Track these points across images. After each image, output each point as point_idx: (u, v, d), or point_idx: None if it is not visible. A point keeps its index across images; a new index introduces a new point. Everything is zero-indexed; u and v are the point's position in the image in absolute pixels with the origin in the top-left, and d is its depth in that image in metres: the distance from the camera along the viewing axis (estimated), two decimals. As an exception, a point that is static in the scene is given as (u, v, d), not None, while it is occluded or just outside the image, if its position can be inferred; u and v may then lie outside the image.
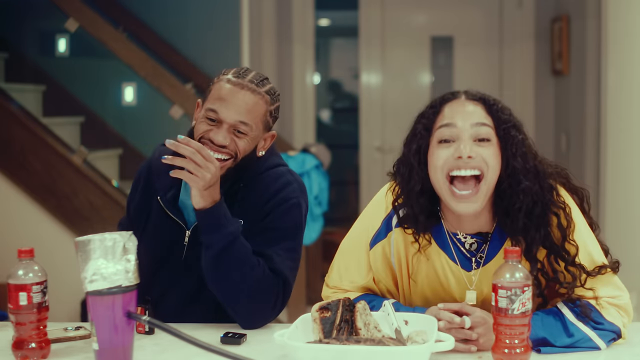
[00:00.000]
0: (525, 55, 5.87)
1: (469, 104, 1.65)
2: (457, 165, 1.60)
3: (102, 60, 5.04)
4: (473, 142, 1.61)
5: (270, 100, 1.86)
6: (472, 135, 1.62)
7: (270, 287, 1.81)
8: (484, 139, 1.62)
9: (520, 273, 1.50)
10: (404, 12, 6.10)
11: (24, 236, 3.81)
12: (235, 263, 1.77)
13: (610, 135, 4.21)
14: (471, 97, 1.67)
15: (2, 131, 3.87)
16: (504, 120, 1.63)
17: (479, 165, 1.60)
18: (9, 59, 4.98)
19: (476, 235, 1.69)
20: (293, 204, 1.88)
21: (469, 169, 1.60)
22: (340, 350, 1.44)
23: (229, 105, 1.80)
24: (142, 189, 1.99)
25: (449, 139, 1.63)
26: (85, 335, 1.75)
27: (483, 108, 1.65)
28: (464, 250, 1.70)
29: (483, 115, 1.64)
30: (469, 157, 1.59)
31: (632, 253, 3.88)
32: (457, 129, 1.62)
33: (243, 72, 1.85)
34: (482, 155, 1.61)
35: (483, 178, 1.61)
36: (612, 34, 4.15)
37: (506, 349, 1.50)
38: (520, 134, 1.65)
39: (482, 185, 1.61)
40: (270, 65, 5.79)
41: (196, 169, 1.71)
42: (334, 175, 5.09)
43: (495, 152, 1.62)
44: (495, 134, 1.63)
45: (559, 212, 1.65)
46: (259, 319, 1.83)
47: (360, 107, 6.25)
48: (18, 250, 1.58)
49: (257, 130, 1.84)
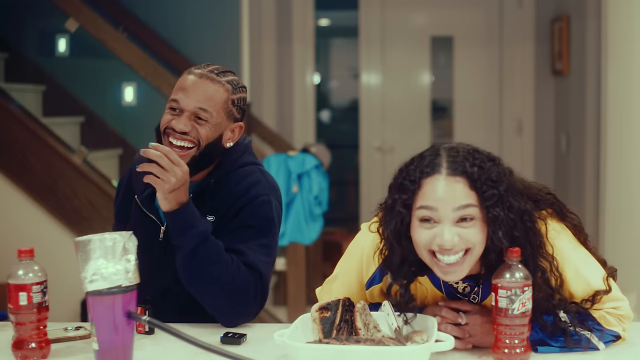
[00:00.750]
0: (525, 55, 5.87)
1: (451, 182, 1.52)
2: (440, 251, 1.53)
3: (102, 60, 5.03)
4: (456, 223, 1.52)
5: (232, 90, 1.90)
6: (454, 218, 1.52)
7: (247, 282, 1.82)
8: (469, 218, 1.53)
9: (520, 273, 1.51)
10: (404, 12, 6.10)
11: (24, 236, 3.81)
12: (207, 262, 1.79)
13: (610, 135, 4.21)
14: (452, 172, 1.53)
15: (2, 131, 3.86)
16: (487, 196, 1.52)
17: (464, 247, 1.54)
18: (9, 59, 4.97)
19: (467, 279, 1.64)
20: (263, 201, 1.90)
21: (453, 254, 1.53)
22: (339, 351, 1.44)
23: (188, 94, 1.86)
24: (124, 192, 2.06)
25: (430, 218, 1.54)
26: (85, 335, 1.75)
27: (466, 184, 1.53)
28: (459, 294, 1.68)
29: (465, 193, 1.52)
30: (448, 250, 1.53)
31: (632, 253, 3.88)
32: (437, 214, 1.52)
33: (206, 65, 1.93)
34: (466, 237, 1.53)
35: (469, 253, 1.55)
36: (612, 34, 4.15)
37: (506, 349, 1.51)
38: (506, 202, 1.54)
39: (467, 257, 1.55)
40: (270, 65, 5.79)
41: (161, 172, 1.76)
42: (334, 175, 5.09)
43: (481, 226, 1.54)
44: (479, 209, 1.53)
45: (545, 267, 1.59)
46: (239, 316, 1.84)
47: (360, 107, 6.25)
48: (18, 250, 1.58)
49: (218, 117, 1.88)
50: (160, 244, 1.93)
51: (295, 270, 4.26)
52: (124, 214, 2.03)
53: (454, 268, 1.54)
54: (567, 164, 5.41)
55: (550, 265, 1.59)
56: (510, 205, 1.54)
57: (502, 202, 1.53)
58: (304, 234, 4.22)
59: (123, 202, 2.05)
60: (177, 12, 5.32)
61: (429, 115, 6.21)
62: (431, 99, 6.23)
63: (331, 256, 5.65)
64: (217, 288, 1.79)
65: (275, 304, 5.07)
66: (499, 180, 1.54)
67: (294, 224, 4.19)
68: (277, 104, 5.88)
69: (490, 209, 1.52)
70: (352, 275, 1.77)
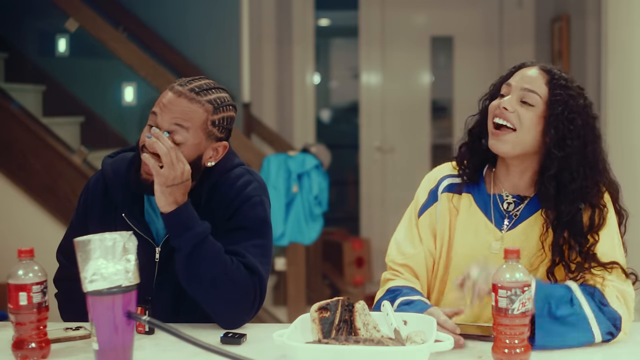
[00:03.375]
0: (525, 55, 5.86)
1: (536, 71, 1.81)
2: (497, 113, 1.79)
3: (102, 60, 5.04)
4: (519, 101, 1.78)
5: (213, 110, 1.83)
6: (520, 96, 1.79)
7: (247, 284, 1.81)
8: (528, 103, 1.78)
9: (520, 273, 1.51)
10: (404, 12, 6.11)
11: (24, 236, 3.81)
12: (206, 264, 1.78)
13: (610, 135, 4.21)
14: (542, 67, 1.82)
15: (2, 131, 3.87)
16: (556, 93, 1.77)
17: (513, 120, 1.77)
18: (9, 59, 4.97)
19: (516, 196, 1.84)
20: (256, 202, 1.90)
21: (503, 119, 1.78)
22: (339, 351, 1.44)
23: (164, 113, 1.81)
24: (102, 206, 1.94)
25: (504, 93, 1.82)
26: (85, 335, 1.75)
27: (544, 79, 1.79)
28: (502, 209, 1.84)
29: (539, 84, 1.79)
30: (505, 109, 1.77)
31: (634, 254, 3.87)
32: (510, 88, 1.81)
33: (189, 80, 1.85)
34: (519, 113, 1.77)
35: (514, 133, 1.77)
36: (612, 34, 4.15)
37: (506, 349, 1.51)
38: (572, 113, 1.76)
39: (511, 135, 1.77)
40: (270, 65, 5.79)
41: (166, 164, 1.74)
42: (334, 175, 5.09)
43: (536, 118, 1.77)
44: (543, 104, 1.77)
45: (595, 206, 1.77)
46: (238, 318, 1.83)
47: (360, 107, 6.26)
48: (18, 250, 1.58)
49: (195, 138, 1.81)
50: (157, 264, 1.90)
51: (295, 270, 4.26)
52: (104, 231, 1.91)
53: (499, 136, 1.78)
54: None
55: (599, 210, 1.77)
56: (574, 119, 1.75)
57: (567, 109, 1.75)
58: (304, 234, 4.22)
59: (103, 219, 1.92)
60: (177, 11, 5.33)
61: (429, 115, 6.22)
62: (431, 99, 6.24)
63: (331, 256, 5.66)
64: (215, 289, 1.78)
65: (275, 304, 5.07)
66: (572, 98, 1.77)
67: (294, 224, 4.19)
68: (277, 104, 5.89)
69: (553, 105, 1.76)
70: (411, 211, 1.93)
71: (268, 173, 4.07)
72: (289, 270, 4.31)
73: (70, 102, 5.16)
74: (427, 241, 1.89)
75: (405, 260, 1.88)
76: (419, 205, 1.92)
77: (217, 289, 1.78)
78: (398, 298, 1.78)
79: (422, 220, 1.90)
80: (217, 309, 1.82)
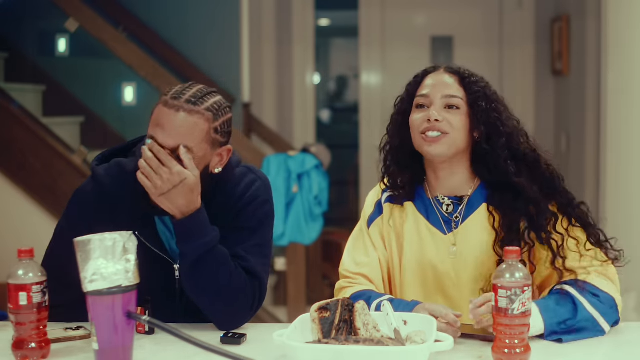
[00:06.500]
0: (525, 55, 5.87)
1: (446, 76, 1.88)
2: (427, 127, 1.83)
3: (102, 60, 5.04)
4: (443, 109, 1.84)
5: (213, 117, 1.77)
6: (443, 103, 1.84)
7: (248, 291, 1.81)
8: (455, 106, 1.84)
9: (520, 273, 1.51)
10: (404, 12, 6.10)
11: (24, 236, 3.81)
12: (210, 273, 1.76)
13: (610, 135, 4.21)
14: (449, 70, 1.89)
15: (2, 131, 3.87)
16: (474, 91, 1.84)
17: (445, 128, 1.82)
18: (9, 59, 4.98)
19: (453, 197, 1.89)
20: (261, 201, 1.90)
21: (436, 130, 1.82)
22: (339, 351, 1.44)
23: (165, 131, 1.72)
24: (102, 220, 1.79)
25: (424, 104, 1.87)
26: (85, 335, 1.75)
27: (457, 81, 1.86)
28: (444, 212, 1.88)
29: (456, 87, 1.86)
30: (436, 121, 1.82)
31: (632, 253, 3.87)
32: (430, 99, 1.86)
33: (181, 91, 1.76)
34: (447, 119, 1.83)
35: (447, 136, 1.83)
36: (612, 34, 4.15)
37: (506, 349, 1.51)
38: (492, 103, 1.85)
39: (446, 137, 1.83)
40: (270, 65, 5.79)
41: (150, 174, 1.71)
42: (334, 175, 5.09)
43: (463, 119, 1.84)
44: (465, 104, 1.84)
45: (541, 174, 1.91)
46: (236, 321, 1.83)
47: (360, 107, 6.26)
48: (18, 250, 1.58)
49: (200, 150, 1.76)
50: (174, 281, 1.87)
51: (295, 270, 4.26)
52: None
53: (435, 141, 1.82)
54: (567, 163, 5.41)
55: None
56: (497, 107, 1.84)
57: (488, 100, 1.84)
58: (304, 234, 4.22)
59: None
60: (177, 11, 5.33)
61: (429, 115, 6.21)
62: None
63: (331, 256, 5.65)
64: (216, 296, 1.78)
65: (275, 304, 5.07)
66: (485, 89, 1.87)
67: (294, 224, 4.19)
68: (277, 104, 5.89)
69: (474, 101, 1.83)
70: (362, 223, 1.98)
71: (268, 173, 4.07)
72: (289, 270, 4.31)
73: (70, 102, 5.17)
74: (380, 248, 1.93)
75: (359, 269, 1.91)
76: (366, 217, 1.98)
77: (218, 295, 1.78)
78: (372, 300, 1.78)
79: (372, 229, 1.95)
80: (216, 312, 1.81)
